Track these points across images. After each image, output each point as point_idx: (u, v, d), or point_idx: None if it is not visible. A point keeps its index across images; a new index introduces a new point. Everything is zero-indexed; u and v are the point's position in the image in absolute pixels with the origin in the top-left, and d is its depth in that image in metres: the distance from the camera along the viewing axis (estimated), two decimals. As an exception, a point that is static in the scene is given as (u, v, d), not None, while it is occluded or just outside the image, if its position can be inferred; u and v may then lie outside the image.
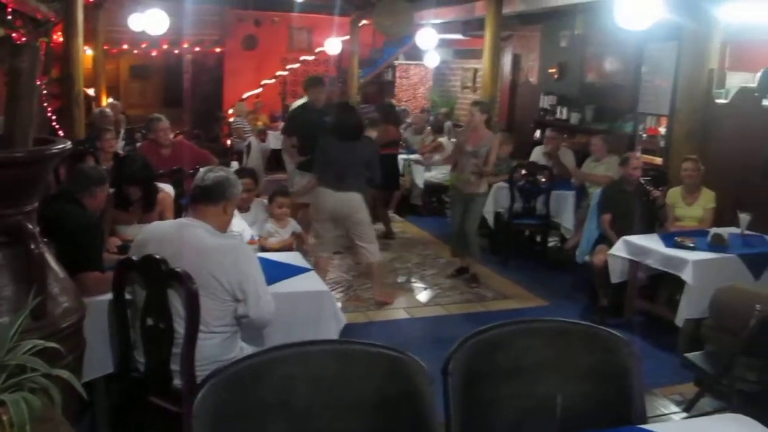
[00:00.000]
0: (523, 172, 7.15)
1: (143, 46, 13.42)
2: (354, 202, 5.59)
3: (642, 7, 5.10)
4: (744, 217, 5.52)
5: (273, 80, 14.53)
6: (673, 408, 4.22)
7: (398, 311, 5.83)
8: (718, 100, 6.92)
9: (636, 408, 2.02)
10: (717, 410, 3.84)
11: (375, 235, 5.94)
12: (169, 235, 3.13)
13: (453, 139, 9.26)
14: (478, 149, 6.22)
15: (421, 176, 9.35)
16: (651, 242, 5.33)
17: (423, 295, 6.22)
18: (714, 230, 5.36)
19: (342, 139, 5.59)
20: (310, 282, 3.85)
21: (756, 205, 5.90)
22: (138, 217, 4.35)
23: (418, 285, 6.50)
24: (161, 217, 4.31)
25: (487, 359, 1.94)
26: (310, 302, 3.69)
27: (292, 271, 3.94)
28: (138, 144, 7.86)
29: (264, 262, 3.56)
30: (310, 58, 14.95)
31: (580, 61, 9.78)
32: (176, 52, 14.18)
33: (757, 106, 6.39)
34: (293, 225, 5.21)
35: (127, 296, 3.12)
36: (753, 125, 6.39)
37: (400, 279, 6.64)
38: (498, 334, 1.96)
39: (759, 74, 6.56)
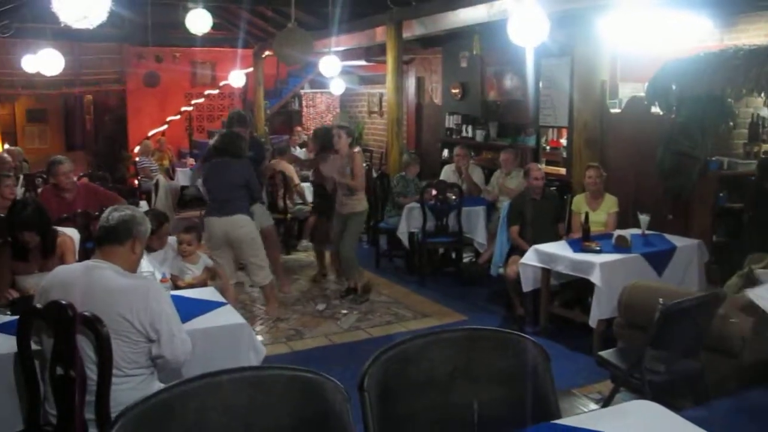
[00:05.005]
0: (434, 191, 7.25)
1: (39, 88, 12.99)
2: (243, 223, 5.82)
3: (532, 26, 5.28)
4: (644, 218, 5.79)
5: (178, 116, 14.32)
6: (593, 406, 4.34)
7: (320, 339, 5.79)
8: (612, 110, 7.26)
9: (549, 405, 2.08)
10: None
11: (265, 257, 6.11)
12: (76, 278, 3.03)
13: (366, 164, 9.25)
14: (343, 167, 6.41)
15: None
16: (560, 249, 5.49)
17: (343, 321, 6.20)
18: (617, 232, 5.60)
19: (219, 156, 5.80)
20: (226, 316, 3.79)
21: (653, 206, 6.21)
22: (38, 265, 4.15)
23: (337, 311, 6.46)
24: (62, 262, 4.12)
25: (400, 373, 1.96)
26: (227, 336, 3.64)
27: (207, 306, 3.87)
28: (39, 190, 7.55)
29: (177, 299, 3.49)
30: (215, 92, 14.85)
31: (480, 80, 10.04)
32: (75, 92, 13.79)
33: (647, 114, 6.72)
34: (204, 260, 5.11)
35: (34, 346, 3.00)
36: (645, 131, 6.70)
37: (320, 307, 6.60)
38: (409, 348, 1.99)
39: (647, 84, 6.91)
